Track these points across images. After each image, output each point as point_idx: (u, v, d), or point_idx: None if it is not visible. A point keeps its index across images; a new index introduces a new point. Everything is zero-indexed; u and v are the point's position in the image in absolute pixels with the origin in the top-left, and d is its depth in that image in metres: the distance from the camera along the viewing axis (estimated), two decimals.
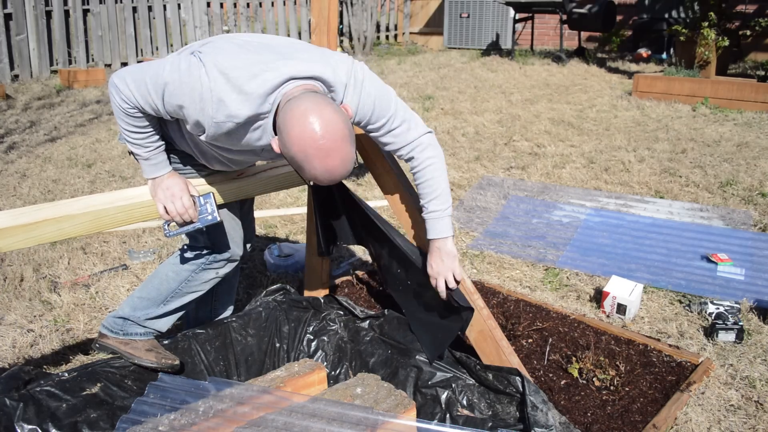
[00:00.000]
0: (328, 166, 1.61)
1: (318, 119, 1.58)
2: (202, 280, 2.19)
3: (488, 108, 6.84)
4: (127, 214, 1.95)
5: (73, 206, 1.88)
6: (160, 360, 2.14)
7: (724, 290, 3.06)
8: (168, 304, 2.19)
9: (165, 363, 2.14)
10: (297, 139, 1.58)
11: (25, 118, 6.59)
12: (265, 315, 2.47)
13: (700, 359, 2.47)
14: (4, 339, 2.66)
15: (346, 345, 2.41)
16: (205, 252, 2.16)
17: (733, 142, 5.36)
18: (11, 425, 1.86)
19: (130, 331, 2.17)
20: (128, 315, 2.16)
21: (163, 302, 2.18)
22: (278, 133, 1.66)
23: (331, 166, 1.61)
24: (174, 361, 2.16)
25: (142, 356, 2.14)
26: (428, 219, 2.02)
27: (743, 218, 3.87)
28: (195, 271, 2.17)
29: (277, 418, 1.76)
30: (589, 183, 4.58)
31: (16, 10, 8.38)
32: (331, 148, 1.59)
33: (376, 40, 12.04)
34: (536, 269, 3.34)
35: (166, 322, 2.22)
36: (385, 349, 2.30)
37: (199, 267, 2.16)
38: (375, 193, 4.36)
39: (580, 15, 9.06)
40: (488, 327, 2.13)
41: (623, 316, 2.82)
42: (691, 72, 7.12)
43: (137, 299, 2.18)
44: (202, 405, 1.87)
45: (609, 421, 2.15)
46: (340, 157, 1.61)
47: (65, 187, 4.56)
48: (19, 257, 3.43)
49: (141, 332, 2.18)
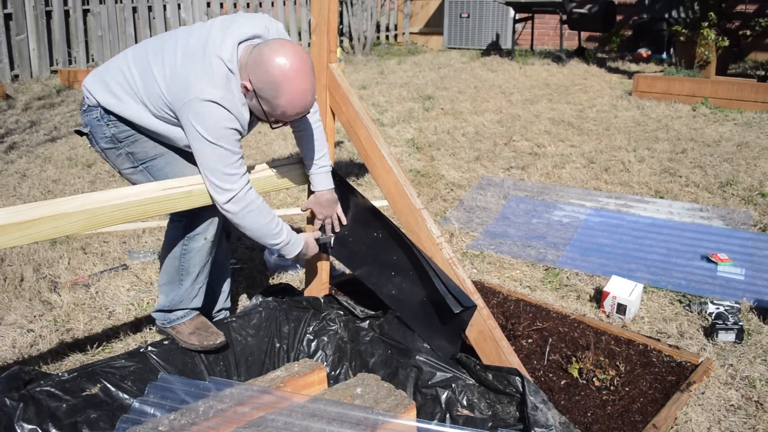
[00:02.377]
0: (302, 88, 1.89)
1: (291, 49, 1.89)
2: (196, 250, 2.25)
3: (488, 108, 6.84)
4: (124, 213, 1.95)
5: (69, 204, 1.88)
6: (201, 342, 2.26)
7: (724, 290, 3.06)
8: (183, 281, 2.29)
9: (207, 345, 2.26)
10: (276, 67, 1.86)
11: (25, 118, 6.59)
12: (265, 315, 2.47)
13: (700, 359, 2.47)
14: (4, 339, 2.66)
15: (346, 345, 2.41)
16: (184, 221, 2.22)
17: (733, 142, 5.36)
18: (11, 425, 1.85)
19: (173, 318, 2.32)
20: (163, 305, 2.32)
21: (179, 282, 2.29)
22: (250, 71, 1.91)
23: (304, 88, 1.89)
24: (216, 340, 2.27)
25: (186, 341, 2.28)
26: (320, 173, 2.32)
27: (743, 218, 3.87)
28: (185, 244, 2.25)
29: (277, 418, 1.76)
30: (589, 183, 4.58)
31: (16, 10, 8.38)
32: (306, 71, 1.89)
33: (376, 40, 12.04)
34: (536, 269, 3.34)
35: (195, 299, 2.34)
36: (385, 349, 2.30)
37: (186, 239, 2.24)
38: (375, 193, 4.36)
39: (580, 15, 9.05)
40: (488, 327, 2.13)
41: (623, 316, 2.82)
42: (691, 72, 7.12)
43: (162, 287, 2.33)
44: (202, 405, 1.87)
45: (609, 421, 2.15)
46: (311, 81, 1.91)
47: (65, 187, 4.56)
48: (19, 257, 3.43)
49: (182, 315, 2.32)
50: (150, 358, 2.22)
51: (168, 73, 1.97)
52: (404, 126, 6.21)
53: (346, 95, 2.39)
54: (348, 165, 5.04)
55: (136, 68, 2.05)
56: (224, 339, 2.30)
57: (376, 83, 8.31)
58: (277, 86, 1.88)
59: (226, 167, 1.98)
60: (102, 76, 2.12)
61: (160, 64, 2.00)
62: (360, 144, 2.39)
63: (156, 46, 2.07)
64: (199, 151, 1.97)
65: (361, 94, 7.60)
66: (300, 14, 11.84)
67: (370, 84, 8.26)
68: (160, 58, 2.01)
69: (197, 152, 1.98)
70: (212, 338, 2.27)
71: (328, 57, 2.41)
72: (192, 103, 1.92)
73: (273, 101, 1.92)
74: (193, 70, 1.93)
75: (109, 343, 2.65)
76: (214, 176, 1.99)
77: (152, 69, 2.01)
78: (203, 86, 1.91)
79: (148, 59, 2.03)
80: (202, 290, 2.35)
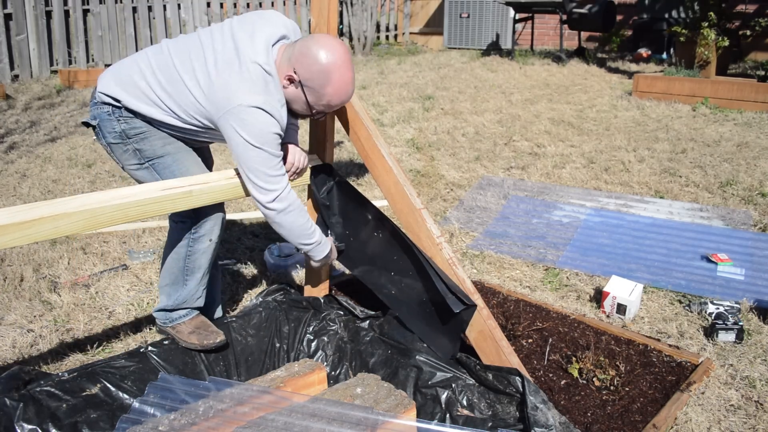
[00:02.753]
0: (348, 77, 2.00)
1: (337, 42, 2.00)
2: (201, 251, 2.27)
3: (488, 108, 6.84)
4: (124, 213, 1.95)
5: (69, 204, 1.88)
6: (201, 341, 2.28)
7: (724, 290, 3.06)
8: (188, 282, 2.31)
9: (207, 344, 2.28)
10: (325, 57, 1.96)
11: (26, 118, 6.59)
12: (265, 315, 2.47)
13: (700, 359, 2.47)
14: (4, 339, 2.66)
15: (346, 345, 2.41)
16: (189, 222, 2.23)
17: (733, 142, 5.36)
18: (11, 425, 1.86)
19: (174, 317, 2.34)
20: (165, 305, 2.33)
21: (183, 282, 2.31)
22: (296, 62, 1.99)
23: (350, 77, 2.01)
24: (215, 339, 2.29)
25: (186, 340, 2.30)
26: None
27: (743, 218, 3.87)
28: (190, 245, 2.26)
29: (277, 418, 1.76)
30: (589, 183, 4.58)
31: (16, 10, 8.38)
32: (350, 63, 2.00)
33: (376, 40, 12.03)
34: (536, 269, 3.34)
35: (199, 299, 2.36)
36: (385, 349, 2.30)
37: (191, 240, 2.25)
38: (375, 193, 4.36)
39: (580, 15, 9.05)
40: (488, 327, 2.13)
41: (623, 316, 2.82)
42: (691, 72, 7.12)
43: (164, 288, 2.34)
44: (202, 405, 1.87)
45: (609, 421, 2.15)
46: (353, 72, 2.02)
47: (65, 187, 4.56)
48: (19, 257, 3.43)
49: (183, 314, 2.34)
50: (150, 358, 2.22)
51: (204, 83, 2.00)
52: (404, 126, 6.21)
53: None
54: (348, 165, 5.04)
55: (163, 75, 2.06)
56: (224, 338, 2.30)
57: (376, 83, 8.31)
58: (327, 75, 1.97)
59: (269, 169, 2.02)
60: (120, 77, 2.11)
61: (190, 72, 2.02)
62: (360, 144, 2.39)
63: (180, 52, 2.07)
64: (243, 156, 1.99)
65: (361, 94, 7.60)
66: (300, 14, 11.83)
67: (370, 84, 8.26)
68: (189, 66, 2.03)
69: (241, 157, 2.00)
70: (212, 337, 2.28)
71: None
72: (235, 111, 1.94)
73: (321, 90, 2.00)
74: (232, 79, 1.96)
75: (109, 343, 2.65)
76: (259, 178, 2.02)
77: (182, 77, 2.03)
78: (244, 94, 1.94)
79: (176, 66, 2.04)
80: (204, 291, 2.37)
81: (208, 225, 2.24)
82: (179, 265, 2.29)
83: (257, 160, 1.99)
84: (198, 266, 2.29)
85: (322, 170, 2.42)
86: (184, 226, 2.25)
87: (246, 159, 2.00)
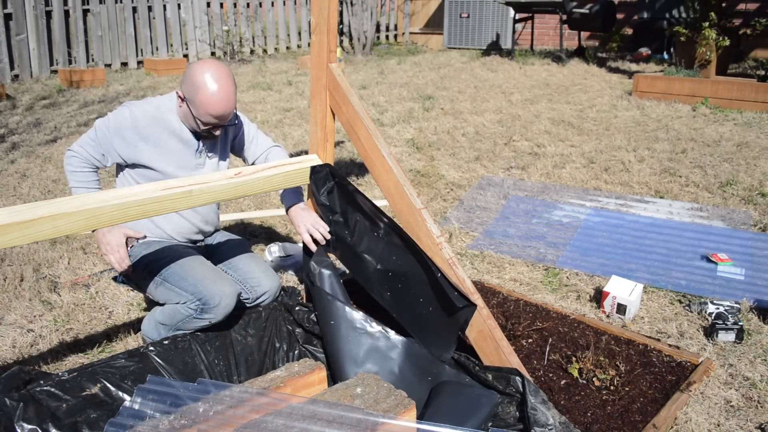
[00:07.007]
0: (216, 87, 2.20)
1: (210, 60, 2.27)
2: (194, 326, 2.33)
3: (488, 108, 6.84)
4: (124, 213, 1.95)
5: (69, 204, 1.88)
6: None
7: (724, 290, 3.06)
8: (179, 330, 2.36)
9: None
10: (196, 71, 2.22)
11: (26, 119, 6.59)
12: (265, 315, 2.47)
13: (700, 359, 2.47)
14: (4, 339, 2.66)
15: None
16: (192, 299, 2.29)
17: (733, 142, 5.36)
18: (11, 425, 1.85)
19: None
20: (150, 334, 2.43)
21: (173, 329, 2.37)
22: (182, 84, 2.27)
23: (221, 87, 2.21)
24: None
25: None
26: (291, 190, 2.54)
27: (743, 218, 3.87)
28: (188, 317, 2.32)
29: (277, 418, 1.76)
30: (589, 183, 4.58)
31: (16, 10, 8.38)
32: (223, 76, 2.23)
33: (376, 40, 12.04)
34: (536, 269, 3.34)
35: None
36: None
37: (190, 315, 2.31)
38: (375, 193, 4.36)
39: (580, 15, 9.06)
40: (488, 327, 2.13)
41: (623, 316, 2.81)
42: (691, 72, 7.12)
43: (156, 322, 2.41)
44: (202, 405, 1.87)
45: (609, 421, 2.15)
46: (225, 87, 2.23)
47: (65, 187, 4.56)
48: (19, 257, 3.43)
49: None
50: (150, 358, 2.21)
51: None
52: (404, 126, 6.21)
53: (346, 95, 2.39)
54: (348, 165, 5.04)
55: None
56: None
57: (376, 83, 8.31)
58: (197, 85, 2.21)
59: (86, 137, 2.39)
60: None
61: None
62: (360, 144, 2.39)
63: None
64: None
65: (361, 94, 7.60)
66: (300, 14, 11.83)
67: (370, 84, 8.26)
68: None
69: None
70: None
71: (328, 57, 2.41)
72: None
73: (194, 99, 2.23)
74: None
75: (109, 343, 2.65)
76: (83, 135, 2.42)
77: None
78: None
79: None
80: None
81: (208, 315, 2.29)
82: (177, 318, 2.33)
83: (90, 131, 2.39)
84: (185, 328, 2.34)
85: (322, 170, 2.42)
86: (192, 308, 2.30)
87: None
